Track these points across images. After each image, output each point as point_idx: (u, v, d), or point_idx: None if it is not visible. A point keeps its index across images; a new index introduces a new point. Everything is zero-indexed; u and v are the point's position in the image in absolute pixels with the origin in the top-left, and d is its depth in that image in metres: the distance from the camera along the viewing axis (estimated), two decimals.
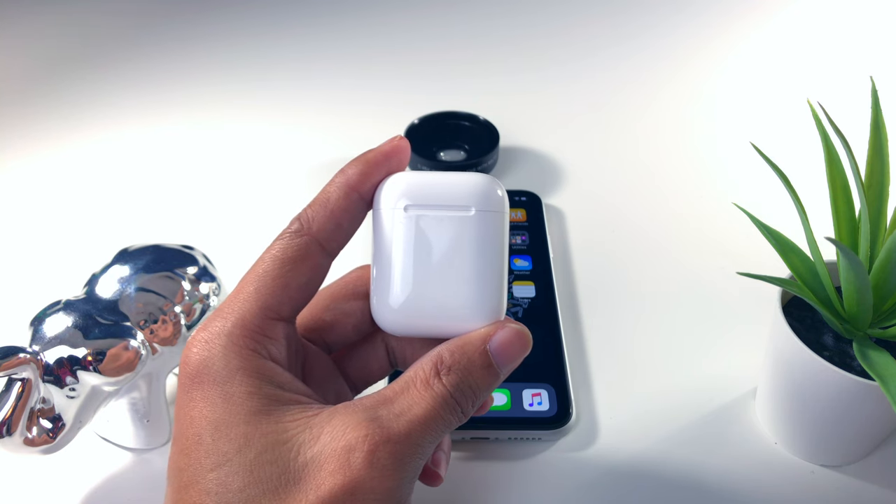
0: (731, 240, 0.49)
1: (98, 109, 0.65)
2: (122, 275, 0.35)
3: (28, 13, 0.81)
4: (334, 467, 0.22)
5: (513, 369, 0.26)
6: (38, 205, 0.55)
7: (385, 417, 0.23)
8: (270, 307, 0.25)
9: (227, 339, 0.24)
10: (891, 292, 0.31)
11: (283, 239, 0.25)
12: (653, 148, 0.60)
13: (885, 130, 0.32)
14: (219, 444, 0.22)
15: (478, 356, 0.24)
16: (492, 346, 0.25)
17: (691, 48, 0.74)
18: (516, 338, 0.25)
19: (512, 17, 0.81)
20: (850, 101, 0.43)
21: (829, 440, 0.35)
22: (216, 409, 0.23)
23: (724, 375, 0.40)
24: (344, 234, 0.26)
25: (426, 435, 0.23)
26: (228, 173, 0.58)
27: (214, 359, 0.24)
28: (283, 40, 0.76)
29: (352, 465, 0.22)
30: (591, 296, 0.46)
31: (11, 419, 0.29)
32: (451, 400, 0.24)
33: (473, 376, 0.24)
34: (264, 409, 0.23)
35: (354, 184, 0.25)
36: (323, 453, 0.22)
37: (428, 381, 0.24)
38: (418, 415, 0.23)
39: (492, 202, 0.25)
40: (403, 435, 0.23)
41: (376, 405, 0.23)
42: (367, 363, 0.30)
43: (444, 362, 0.24)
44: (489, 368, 0.25)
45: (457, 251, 0.25)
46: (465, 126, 0.58)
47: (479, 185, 0.25)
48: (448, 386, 0.24)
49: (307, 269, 0.25)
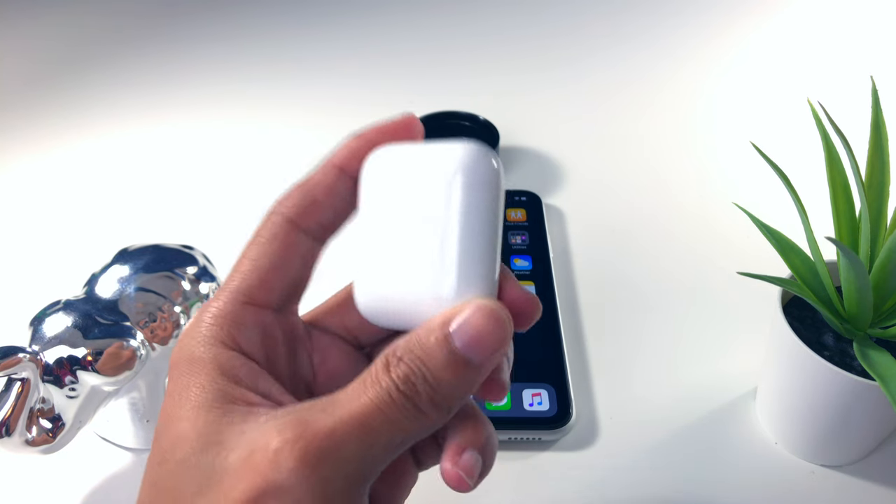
0: (731, 240, 0.49)
1: (98, 109, 0.65)
2: (122, 275, 0.35)
3: (28, 13, 0.81)
4: (243, 471, 0.20)
5: (494, 358, 0.21)
6: (39, 205, 0.55)
7: (313, 416, 0.20)
8: (241, 290, 0.23)
9: (198, 328, 0.23)
10: (891, 292, 0.31)
11: (259, 223, 0.24)
12: (653, 148, 0.60)
13: (885, 130, 0.32)
14: (162, 440, 0.22)
15: (434, 342, 0.20)
16: (454, 328, 0.20)
17: (691, 48, 0.74)
18: (486, 318, 0.20)
19: (512, 17, 0.81)
20: (850, 101, 0.43)
21: (829, 440, 0.35)
22: (171, 402, 0.22)
23: (724, 375, 0.40)
24: (321, 209, 0.24)
25: (357, 434, 0.20)
26: (228, 173, 0.58)
27: (184, 350, 0.23)
28: (283, 40, 0.76)
29: (256, 468, 0.20)
30: (591, 296, 0.46)
31: (11, 419, 0.29)
32: (398, 394, 0.20)
33: (429, 367, 0.20)
34: (208, 405, 0.21)
35: (337, 159, 0.24)
36: (240, 456, 0.20)
37: (377, 375, 0.20)
38: (350, 411, 0.20)
39: (480, 173, 0.22)
40: (321, 434, 0.20)
41: (319, 406, 0.21)
42: None
43: (395, 353, 0.21)
44: (453, 356, 0.20)
45: (438, 228, 0.22)
46: (465, 126, 0.58)
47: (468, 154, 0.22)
48: (395, 378, 0.20)
49: (278, 249, 0.24)
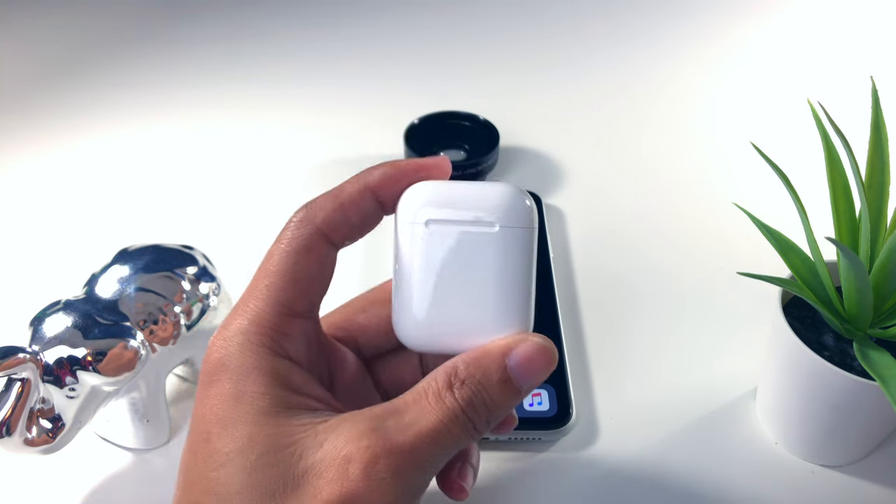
0: (731, 240, 0.49)
1: (98, 110, 0.65)
2: (122, 275, 0.35)
3: (28, 13, 0.81)
4: (332, 476, 0.21)
5: (535, 387, 0.24)
6: (39, 205, 0.55)
7: (390, 429, 0.22)
8: (283, 303, 0.24)
9: (244, 336, 0.24)
10: (891, 292, 0.31)
11: (289, 230, 0.25)
12: (653, 148, 0.60)
13: (885, 130, 0.32)
14: (223, 444, 0.22)
15: (495, 370, 0.23)
16: (511, 360, 0.23)
17: (691, 48, 0.74)
18: (539, 353, 0.23)
19: (512, 17, 0.81)
20: (850, 101, 0.43)
21: (829, 440, 0.35)
22: (226, 407, 0.23)
23: (724, 375, 0.40)
24: (351, 227, 0.25)
25: (431, 450, 0.22)
26: (228, 173, 0.58)
27: (231, 357, 0.23)
28: (282, 40, 0.76)
29: (349, 476, 0.21)
30: (591, 296, 0.46)
31: (11, 419, 0.29)
32: (462, 415, 0.23)
33: (489, 392, 0.23)
34: (272, 411, 0.23)
35: (373, 184, 0.25)
36: (324, 461, 0.22)
37: (439, 393, 0.23)
38: (425, 428, 0.22)
39: (518, 217, 0.24)
40: (406, 448, 0.22)
41: (384, 415, 0.23)
42: (400, 371, 0.30)
43: (458, 375, 0.23)
44: (507, 384, 0.23)
45: (480, 268, 0.24)
46: (465, 126, 0.58)
47: (505, 199, 0.24)
48: (460, 400, 0.23)
49: (314, 261, 0.25)
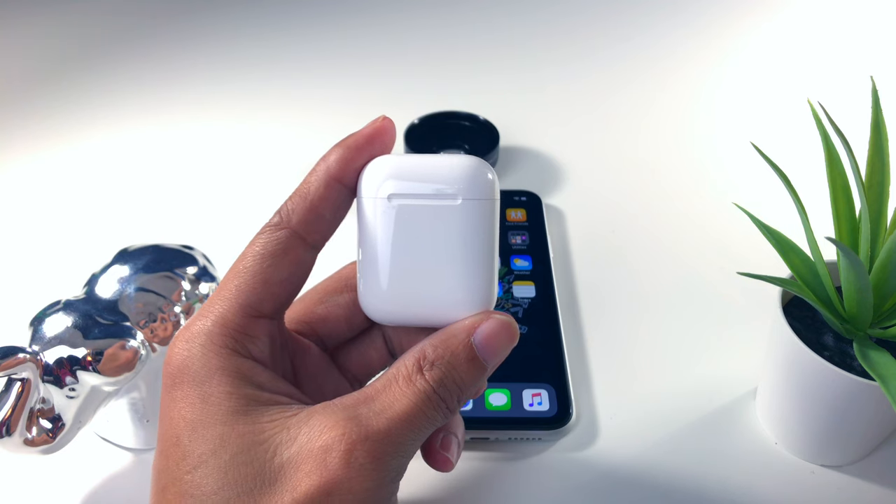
0: (731, 240, 0.49)
1: (98, 109, 0.65)
2: (122, 275, 0.35)
3: (28, 13, 0.81)
4: (311, 468, 0.21)
5: (499, 362, 0.25)
6: (39, 205, 0.55)
7: (364, 416, 0.22)
8: (251, 304, 0.24)
9: (207, 338, 0.24)
10: (891, 292, 0.31)
11: (264, 234, 0.25)
12: (653, 148, 0.60)
13: (885, 130, 0.32)
14: (195, 446, 0.22)
15: (461, 349, 0.24)
16: (476, 338, 0.24)
17: (691, 48, 0.74)
18: (502, 329, 0.24)
19: (512, 17, 0.81)
20: (850, 101, 0.43)
21: (829, 440, 0.35)
22: (194, 409, 0.23)
23: (724, 375, 0.40)
24: (327, 224, 0.25)
25: (408, 433, 0.23)
26: (228, 173, 0.58)
27: (194, 359, 0.23)
28: (282, 40, 0.76)
29: (328, 465, 0.21)
30: (591, 296, 0.46)
31: (11, 419, 0.29)
32: (435, 396, 0.23)
33: (458, 371, 0.24)
34: (241, 410, 0.23)
35: (335, 172, 0.25)
36: (300, 454, 0.22)
37: (410, 377, 0.23)
38: (399, 412, 0.22)
39: (479, 189, 0.24)
40: (383, 433, 0.22)
41: (356, 404, 0.23)
42: (367, 355, 0.30)
43: (426, 357, 0.23)
44: (474, 361, 0.24)
45: (443, 241, 0.24)
46: (465, 126, 0.58)
47: (467, 171, 0.24)
48: (431, 381, 0.23)
49: (288, 264, 0.25)
